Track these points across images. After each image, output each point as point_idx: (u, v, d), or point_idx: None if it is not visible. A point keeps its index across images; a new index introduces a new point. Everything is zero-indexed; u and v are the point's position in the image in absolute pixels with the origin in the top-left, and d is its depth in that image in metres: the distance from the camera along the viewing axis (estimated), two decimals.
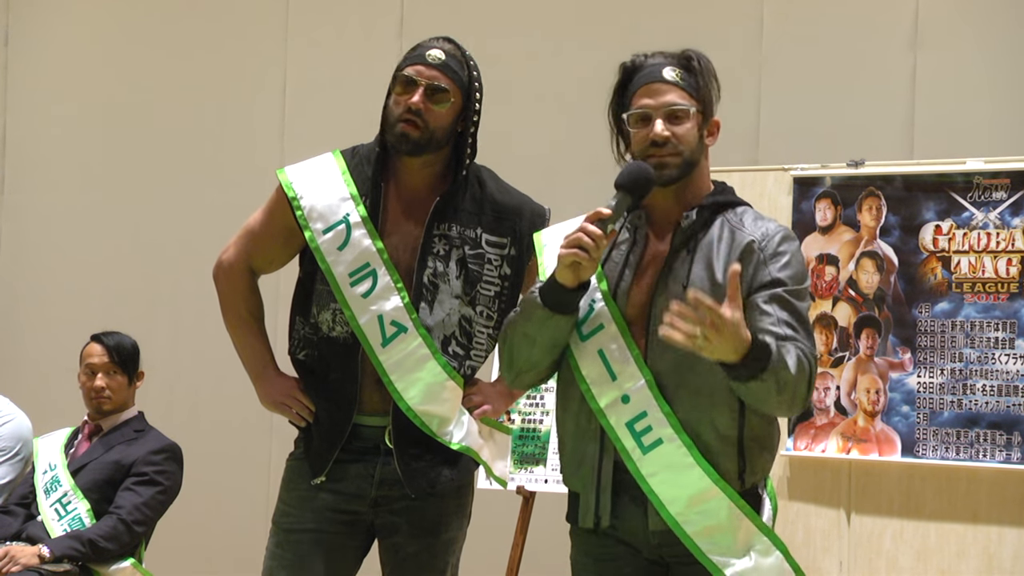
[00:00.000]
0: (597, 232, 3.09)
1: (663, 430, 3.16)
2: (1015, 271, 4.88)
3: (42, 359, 7.50)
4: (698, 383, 3.17)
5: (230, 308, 3.78)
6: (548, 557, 5.86)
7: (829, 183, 5.19)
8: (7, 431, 5.43)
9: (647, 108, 3.22)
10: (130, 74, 7.58)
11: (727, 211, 3.27)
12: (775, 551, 3.22)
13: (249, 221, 3.76)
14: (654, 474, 3.17)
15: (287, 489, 3.74)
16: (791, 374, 3.06)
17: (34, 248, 7.76)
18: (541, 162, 6.47)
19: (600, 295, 3.23)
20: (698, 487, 3.16)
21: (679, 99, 3.22)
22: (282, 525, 3.71)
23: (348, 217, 3.59)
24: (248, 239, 3.73)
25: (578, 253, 3.09)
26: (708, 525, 3.17)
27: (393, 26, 6.98)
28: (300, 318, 3.69)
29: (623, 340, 3.20)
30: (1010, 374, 4.86)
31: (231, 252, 3.75)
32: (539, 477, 5.45)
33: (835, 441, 5.10)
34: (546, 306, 3.17)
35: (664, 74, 3.24)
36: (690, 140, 3.22)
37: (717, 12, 6.35)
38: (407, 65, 3.59)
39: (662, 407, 3.17)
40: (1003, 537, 4.87)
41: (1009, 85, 5.83)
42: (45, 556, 4.95)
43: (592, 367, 3.22)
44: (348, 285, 3.58)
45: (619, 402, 3.19)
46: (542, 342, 3.22)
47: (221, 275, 3.78)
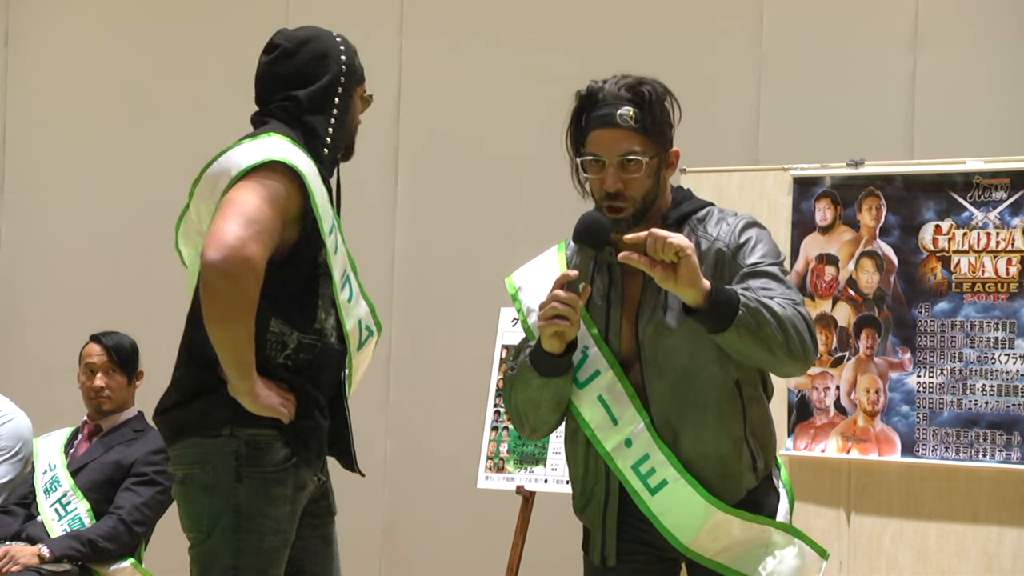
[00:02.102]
0: (570, 296, 3.12)
1: (666, 471, 3.20)
2: (1015, 271, 4.88)
3: (42, 359, 7.49)
4: (701, 398, 3.20)
5: (248, 309, 3.33)
6: (548, 557, 5.87)
7: (829, 183, 5.19)
8: (7, 431, 5.43)
9: (599, 155, 3.22)
10: (130, 74, 7.58)
11: (690, 219, 3.28)
12: (794, 540, 3.27)
13: (254, 213, 3.34)
14: (664, 513, 3.21)
15: (272, 504, 3.43)
16: (769, 318, 3.06)
17: (34, 248, 7.76)
18: (541, 161, 6.47)
19: (592, 340, 3.25)
20: (708, 518, 3.20)
21: (632, 146, 3.20)
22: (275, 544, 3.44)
23: (335, 221, 3.52)
24: (266, 236, 3.35)
25: (558, 323, 3.12)
26: (725, 544, 3.22)
27: (393, 26, 6.98)
28: (286, 323, 3.43)
29: (620, 384, 3.23)
30: (1010, 374, 4.86)
31: (256, 250, 3.31)
32: (539, 477, 5.46)
33: (835, 441, 5.10)
34: (541, 374, 3.21)
35: (618, 119, 3.21)
36: (642, 188, 3.21)
37: (717, 12, 6.35)
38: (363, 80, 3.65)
39: (662, 449, 3.20)
40: (1003, 537, 4.87)
41: (1009, 85, 5.83)
42: (45, 556, 4.95)
43: (594, 413, 3.25)
44: (339, 291, 3.50)
45: (623, 446, 3.23)
46: (546, 404, 3.26)
47: (248, 274, 3.30)
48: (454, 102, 6.83)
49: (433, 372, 6.77)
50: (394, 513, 6.82)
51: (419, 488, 6.74)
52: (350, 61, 3.63)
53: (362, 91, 3.65)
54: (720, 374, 3.19)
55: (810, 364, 3.19)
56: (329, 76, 3.60)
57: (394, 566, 6.84)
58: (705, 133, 6.17)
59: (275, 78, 3.62)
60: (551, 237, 3.66)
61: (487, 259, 6.45)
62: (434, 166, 6.86)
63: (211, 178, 3.51)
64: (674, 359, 3.20)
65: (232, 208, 3.33)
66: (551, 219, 4.17)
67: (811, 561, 3.30)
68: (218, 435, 3.42)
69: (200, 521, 3.46)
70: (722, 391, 3.20)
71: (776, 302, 3.10)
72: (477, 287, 6.54)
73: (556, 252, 3.40)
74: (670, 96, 3.27)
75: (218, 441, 3.42)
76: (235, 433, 3.42)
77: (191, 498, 3.47)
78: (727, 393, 3.20)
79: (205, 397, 3.45)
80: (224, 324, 3.32)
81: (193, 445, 3.46)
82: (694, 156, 5.54)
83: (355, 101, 3.63)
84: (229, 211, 3.33)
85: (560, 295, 3.12)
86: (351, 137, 3.62)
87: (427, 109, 6.88)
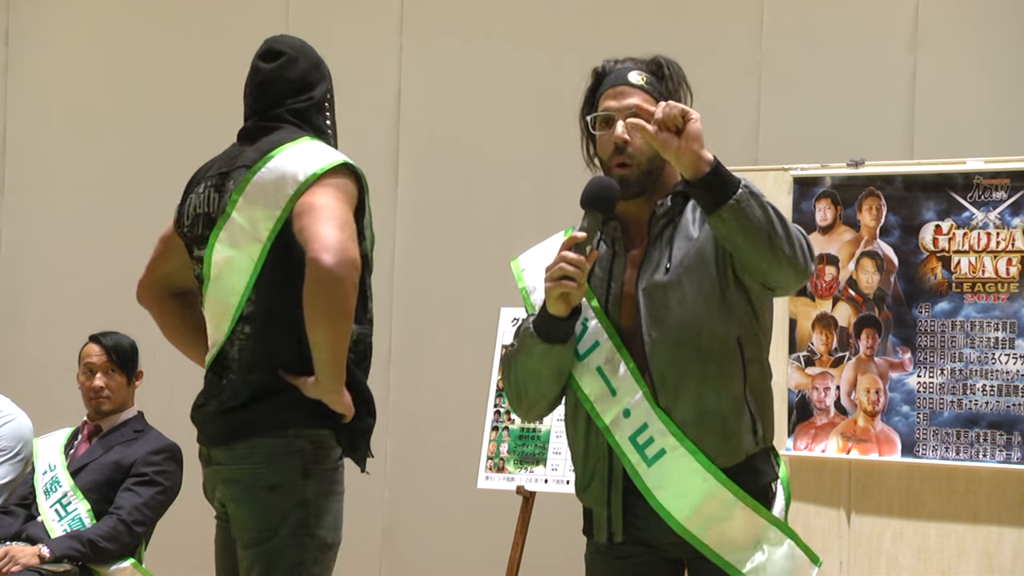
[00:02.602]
0: (578, 258, 3.11)
1: (665, 440, 3.18)
2: (1015, 271, 4.88)
3: (42, 359, 7.49)
4: (704, 350, 3.18)
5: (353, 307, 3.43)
6: (548, 557, 5.87)
7: (829, 183, 5.19)
8: (7, 431, 5.43)
9: (610, 110, 3.24)
10: (130, 74, 7.58)
11: None
12: (786, 540, 3.24)
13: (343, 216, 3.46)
14: (660, 487, 3.19)
15: (332, 499, 3.54)
16: (770, 207, 3.05)
17: (34, 248, 7.76)
18: (541, 162, 6.47)
19: (592, 312, 3.24)
20: (704, 492, 3.17)
21: (642, 103, 3.21)
22: (336, 540, 3.56)
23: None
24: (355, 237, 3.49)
25: (565, 283, 3.11)
26: (719, 528, 3.20)
27: (393, 26, 6.98)
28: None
29: (619, 354, 3.22)
30: (1010, 374, 4.86)
31: (354, 250, 3.43)
32: (539, 477, 5.45)
33: (835, 441, 5.10)
34: (544, 340, 3.20)
35: (630, 78, 3.25)
36: (648, 149, 3.22)
37: (717, 12, 6.35)
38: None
39: (661, 417, 3.18)
40: (1003, 537, 4.87)
41: (1009, 85, 5.83)
42: (45, 556, 4.95)
43: (593, 385, 3.24)
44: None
45: (621, 417, 3.21)
46: (548, 374, 3.24)
47: (355, 274, 3.41)
48: (454, 102, 6.83)
49: (433, 372, 6.77)
50: (394, 513, 6.82)
51: (419, 488, 6.74)
52: (330, 80, 3.76)
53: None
54: (722, 328, 3.18)
55: (807, 276, 3.14)
56: (325, 83, 3.71)
57: (394, 566, 6.84)
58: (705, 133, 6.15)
59: (284, 84, 3.69)
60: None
61: (487, 259, 6.45)
62: (434, 166, 6.86)
63: (267, 184, 3.54)
64: (674, 312, 3.18)
65: (324, 213, 3.42)
66: (551, 219, 4.16)
67: (801, 564, 3.25)
68: (284, 435, 3.50)
69: (265, 519, 3.51)
70: (723, 346, 3.18)
71: (770, 208, 3.08)
72: (477, 287, 6.54)
73: (562, 236, 3.39)
74: (685, 80, 3.31)
75: (283, 441, 3.50)
76: (300, 433, 3.50)
77: (254, 497, 3.52)
78: (728, 348, 3.18)
79: (270, 399, 3.51)
80: (336, 326, 3.40)
81: (257, 446, 3.52)
82: None
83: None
84: (322, 216, 3.41)
85: (568, 256, 3.10)
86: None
87: (427, 109, 6.88)
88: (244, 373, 3.56)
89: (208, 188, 3.67)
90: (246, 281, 3.53)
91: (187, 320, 3.88)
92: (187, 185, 3.82)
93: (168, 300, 3.90)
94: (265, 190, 3.53)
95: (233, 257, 3.57)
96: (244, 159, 3.61)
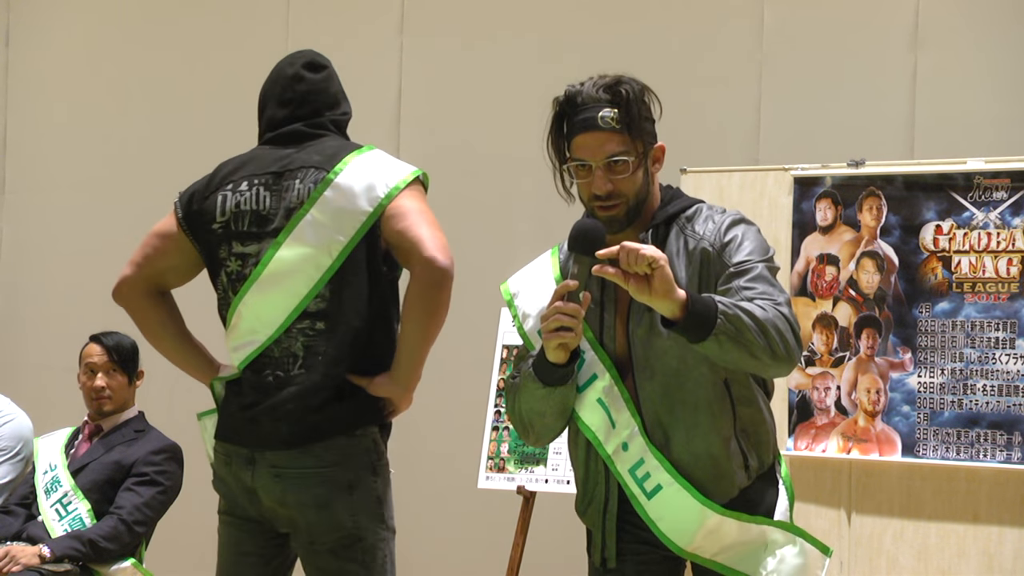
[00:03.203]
0: (573, 307, 3.10)
1: (660, 476, 3.21)
2: (1015, 271, 4.88)
3: (42, 359, 7.49)
4: (691, 398, 3.20)
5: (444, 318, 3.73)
6: (548, 557, 5.87)
7: (829, 183, 5.19)
8: (7, 431, 5.43)
9: (585, 160, 3.23)
10: (130, 74, 7.58)
11: (679, 218, 3.28)
12: (795, 538, 3.26)
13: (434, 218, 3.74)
14: (661, 518, 3.22)
15: (391, 491, 3.77)
16: (749, 323, 3.03)
17: (34, 248, 7.76)
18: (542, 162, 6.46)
19: (588, 344, 3.26)
20: (703, 521, 3.20)
21: (617, 147, 3.20)
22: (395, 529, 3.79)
23: None
24: None
25: (563, 335, 3.11)
26: (724, 545, 3.23)
27: (393, 26, 6.98)
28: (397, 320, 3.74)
29: (616, 388, 3.24)
30: (1010, 374, 4.86)
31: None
32: (539, 477, 5.45)
33: (835, 441, 5.10)
34: (546, 384, 3.21)
35: (599, 121, 3.21)
36: (632, 187, 3.22)
37: (717, 12, 6.35)
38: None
39: (655, 454, 3.21)
40: (1003, 537, 4.87)
41: (1009, 84, 5.83)
42: (46, 556, 4.95)
43: (594, 416, 3.27)
44: None
45: (621, 449, 3.24)
46: (551, 412, 3.27)
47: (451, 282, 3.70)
48: (455, 102, 6.83)
49: (433, 372, 6.75)
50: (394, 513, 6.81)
51: (419, 488, 6.73)
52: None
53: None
54: (709, 374, 3.20)
55: (795, 364, 3.16)
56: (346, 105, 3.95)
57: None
58: (705, 133, 6.17)
59: (328, 96, 3.88)
60: (552, 237, 3.66)
61: (487, 259, 6.44)
62: (434, 166, 6.83)
63: (352, 186, 3.66)
64: (663, 360, 3.21)
65: (425, 217, 3.62)
66: (552, 219, 4.16)
67: (813, 558, 3.29)
68: (353, 435, 3.64)
69: (349, 519, 3.64)
70: (712, 391, 3.20)
71: (756, 304, 3.07)
72: (477, 287, 6.53)
73: (550, 257, 3.41)
74: (649, 92, 3.27)
75: (354, 440, 3.64)
76: (366, 432, 3.66)
77: (334, 498, 3.63)
78: (716, 392, 3.20)
79: (350, 399, 3.65)
80: (437, 323, 3.64)
81: (332, 447, 3.63)
82: (694, 156, 5.55)
83: None
84: (425, 220, 3.62)
85: (562, 307, 3.10)
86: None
87: (427, 109, 6.88)
88: (324, 368, 3.63)
89: (256, 186, 3.75)
90: (319, 277, 3.63)
91: (173, 319, 4.01)
92: (208, 182, 3.91)
93: (153, 298, 4.00)
94: (351, 191, 3.65)
95: (305, 254, 3.64)
96: (306, 160, 3.72)
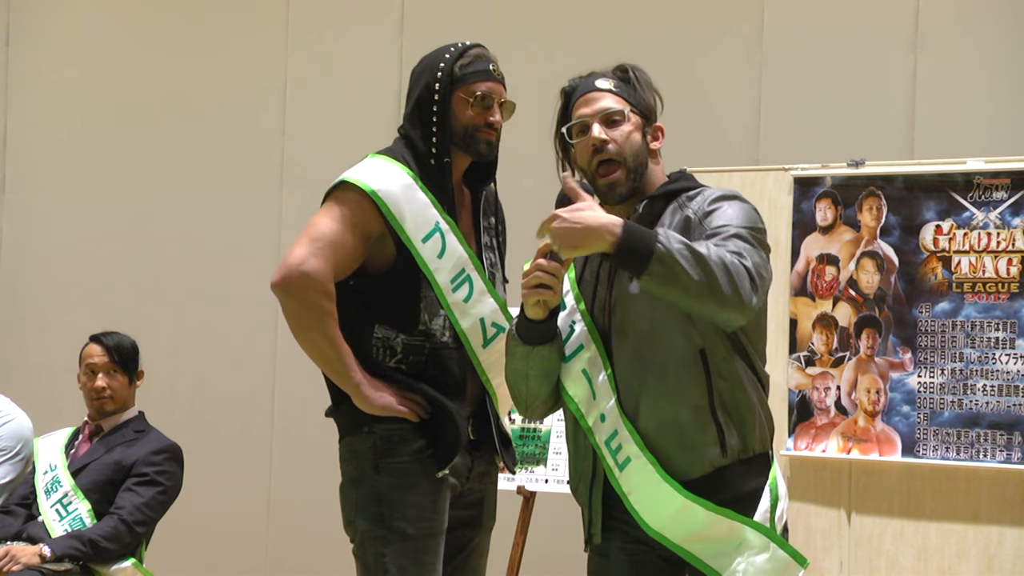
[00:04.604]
0: (553, 265, 3.13)
1: (630, 448, 3.20)
2: (1015, 271, 4.88)
3: (42, 359, 7.49)
4: (659, 362, 3.19)
5: (320, 321, 3.60)
6: (548, 557, 5.87)
7: (829, 183, 5.19)
8: (8, 431, 5.43)
9: (583, 116, 3.28)
10: (130, 74, 7.58)
11: (679, 196, 3.28)
12: (768, 543, 3.21)
13: (323, 230, 3.62)
14: (632, 491, 3.21)
15: (414, 492, 3.65)
16: (689, 261, 2.99)
17: (34, 248, 7.76)
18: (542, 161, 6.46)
19: (579, 315, 3.27)
20: (671, 502, 3.18)
21: (613, 103, 3.27)
22: (422, 532, 3.65)
23: (439, 225, 3.70)
24: (334, 250, 3.60)
25: (541, 291, 3.15)
26: (691, 531, 3.20)
27: (393, 26, 6.98)
28: (386, 327, 3.67)
29: (600, 359, 3.25)
30: (1010, 374, 4.86)
31: (316, 264, 3.58)
32: (539, 477, 5.46)
33: (835, 441, 5.10)
34: (525, 342, 3.24)
35: (597, 84, 3.30)
36: (631, 143, 3.26)
37: (717, 12, 6.35)
38: (477, 80, 3.78)
39: (626, 424, 3.21)
40: (1003, 537, 4.87)
41: (1009, 85, 5.83)
42: (46, 556, 4.95)
43: (579, 387, 3.28)
44: (451, 292, 3.69)
45: (599, 421, 3.25)
46: (533, 375, 3.28)
47: (309, 288, 3.58)
48: None
49: None
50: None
51: None
52: (448, 67, 3.79)
53: (468, 92, 3.78)
54: (680, 339, 3.18)
55: (746, 309, 3.07)
56: (420, 89, 3.79)
57: None
58: (705, 133, 6.17)
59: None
60: None
61: None
62: None
63: None
64: (636, 323, 3.21)
65: (304, 231, 3.63)
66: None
67: (787, 567, 3.22)
68: (359, 433, 3.69)
69: (348, 513, 3.71)
70: (683, 356, 3.18)
71: (709, 247, 3.03)
72: None
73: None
74: (651, 85, 3.34)
75: (360, 438, 3.69)
76: (372, 430, 3.66)
77: (344, 493, 3.74)
78: (688, 359, 3.18)
79: (346, 401, 3.70)
80: (302, 335, 3.63)
81: (345, 444, 3.73)
82: (694, 156, 5.54)
83: (455, 103, 3.76)
84: (301, 234, 3.64)
85: (543, 264, 3.14)
86: (465, 138, 3.78)
87: None
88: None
89: None
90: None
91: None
92: None
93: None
94: None
95: None
96: None
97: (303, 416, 6.53)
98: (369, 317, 3.67)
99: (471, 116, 3.76)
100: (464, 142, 3.76)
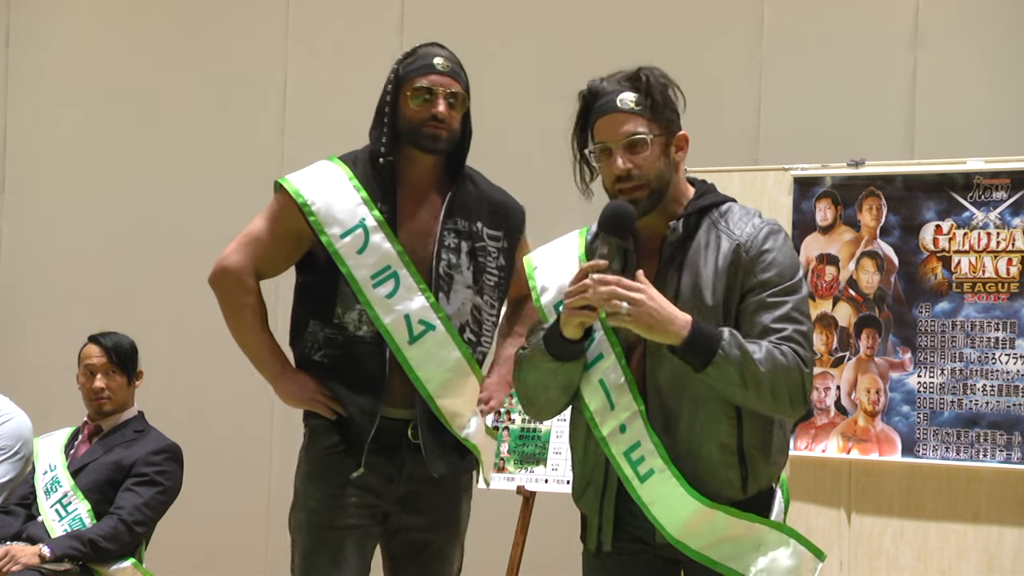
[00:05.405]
0: (607, 289, 3.10)
1: (654, 461, 3.19)
2: (1015, 271, 4.88)
3: (42, 359, 7.49)
4: (699, 391, 3.18)
5: (238, 312, 3.82)
6: (548, 557, 5.87)
7: (829, 183, 5.19)
8: (7, 430, 5.43)
9: (606, 142, 3.24)
10: (130, 74, 7.58)
11: (711, 212, 3.27)
12: (788, 540, 3.24)
13: (252, 228, 3.81)
14: (653, 502, 3.20)
15: (316, 485, 3.78)
16: (758, 367, 3.06)
17: (34, 248, 7.76)
18: (539, 161, 6.47)
19: (599, 324, 3.24)
20: (694, 511, 3.18)
21: (637, 128, 3.22)
22: (317, 523, 3.76)
23: (364, 221, 3.74)
24: (254, 246, 3.80)
25: (587, 314, 3.12)
26: (713, 538, 3.21)
27: (393, 26, 6.98)
28: (316, 321, 3.78)
29: (620, 370, 3.23)
30: (1010, 374, 4.86)
31: (235, 258, 3.79)
32: (539, 477, 5.45)
33: (835, 441, 5.10)
34: (556, 358, 3.21)
35: (619, 103, 3.23)
36: (653, 168, 3.22)
37: (717, 12, 6.35)
38: (418, 75, 3.77)
39: (652, 438, 3.20)
40: (1003, 537, 4.87)
41: (1009, 85, 5.83)
42: (46, 556, 4.95)
43: (595, 397, 3.25)
44: (371, 287, 3.72)
45: (618, 431, 3.23)
46: (556, 387, 3.27)
47: (226, 281, 3.80)
48: None
49: None
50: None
51: None
52: (396, 68, 3.84)
53: (409, 87, 3.80)
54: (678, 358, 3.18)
55: (798, 411, 3.18)
56: (381, 95, 3.85)
57: None
58: (705, 133, 6.13)
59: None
60: (551, 236, 3.67)
61: None
62: None
63: None
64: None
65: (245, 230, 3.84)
66: (553, 218, 4.16)
67: (806, 561, 3.26)
68: (305, 425, 3.87)
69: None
70: (716, 392, 3.17)
71: (765, 353, 3.09)
72: None
73: (576, 236, 3.41)
74: (672, 84, 3.29)
75: (305, 431, 3.87)
76: (307, 423, 3.85)
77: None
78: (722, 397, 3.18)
79: None
80: (228, 325, 3.85)
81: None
82: (694, 156, 5.50)
83: (401, 101, 3.80)
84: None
85: (591, 285, 3.10)
86: (411, 134, 3.79)
87: None
88: None
89: None
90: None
91: None
92: None
93: None
94: None
95: None
96: None
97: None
98: (306, 311, 3.81)
99: (414, 111, 3.78)
100: (411, 138, 3.79)
